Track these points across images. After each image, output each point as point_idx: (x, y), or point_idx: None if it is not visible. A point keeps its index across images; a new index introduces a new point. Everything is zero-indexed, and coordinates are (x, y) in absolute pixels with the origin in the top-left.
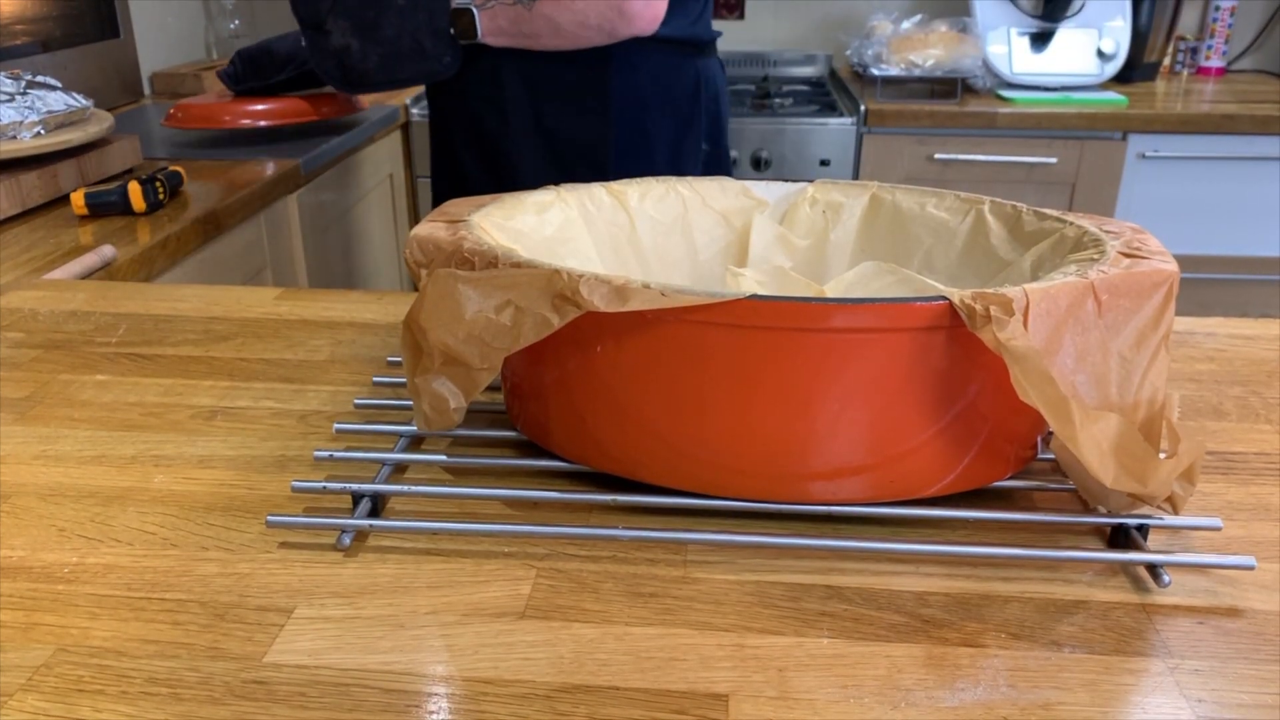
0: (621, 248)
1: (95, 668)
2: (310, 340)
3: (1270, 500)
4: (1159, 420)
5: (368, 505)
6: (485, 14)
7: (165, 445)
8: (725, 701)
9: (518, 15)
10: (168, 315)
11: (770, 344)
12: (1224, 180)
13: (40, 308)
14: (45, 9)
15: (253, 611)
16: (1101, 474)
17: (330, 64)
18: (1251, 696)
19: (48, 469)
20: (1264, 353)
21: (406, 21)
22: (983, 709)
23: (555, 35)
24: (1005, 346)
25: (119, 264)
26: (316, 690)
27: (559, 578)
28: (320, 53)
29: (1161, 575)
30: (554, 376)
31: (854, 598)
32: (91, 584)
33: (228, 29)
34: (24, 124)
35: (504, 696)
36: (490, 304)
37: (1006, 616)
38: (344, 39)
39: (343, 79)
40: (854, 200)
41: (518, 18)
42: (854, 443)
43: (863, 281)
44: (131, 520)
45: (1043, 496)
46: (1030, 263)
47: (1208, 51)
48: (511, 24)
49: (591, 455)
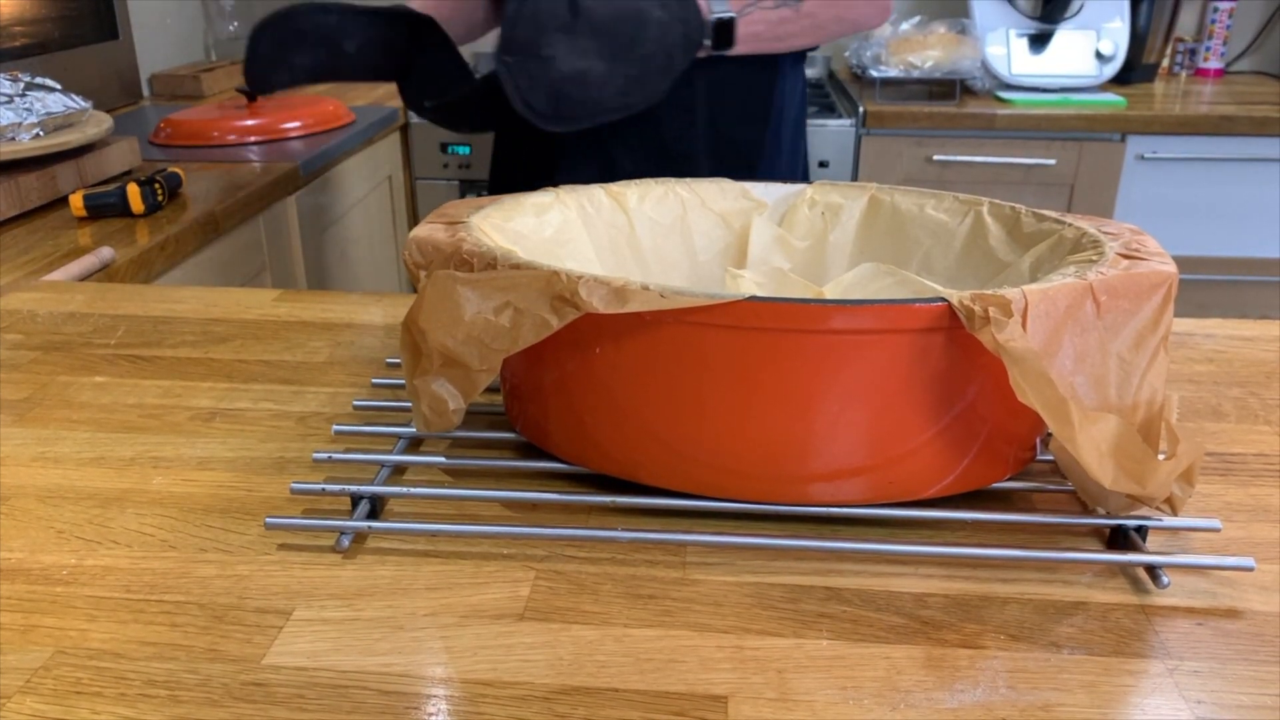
0: (620, 249)
1: (94, 670)
2: (309, 342)
3: (1269, 501)
4: (1158, 421)
5: (366, 507)
6: (743, 20)
7: (164, 447)
8: (724, 703)
9: (782, 18)
10: (166, 317)
11: (769, 345)
12: (1223, 182)
13: (39, 309)
14: (44, 10)
15: (251, 613)
16: (1100, 475)
17: (539, 95)
18: (1250, 698)
19: (46, 471)
20: (1263, 354)
21: (665, 36)
22: (982, 710)
23: (810, 34)
24: (1004, 348)
25: (118, 266)
26: (315, 692)
27: (558, 579)
28: (527, 84)
29: (1160, 576)
30: (553, 378)
31: (853, 599)
32: (90, 586)
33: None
34: (23, 125)
35: (503, 698)
36: (489, 305)
37: (1005, 618)
38: (581, 62)
39: (553, 112)
40: (853, 202)
41: (782, 20)
42: (853, 444)
43: (861, 283)
44: (130, 522)
45: (1042, 498)
46: (1029, 264)
47: (1206, 53)
48: (769, 28)
49: (590, 457)
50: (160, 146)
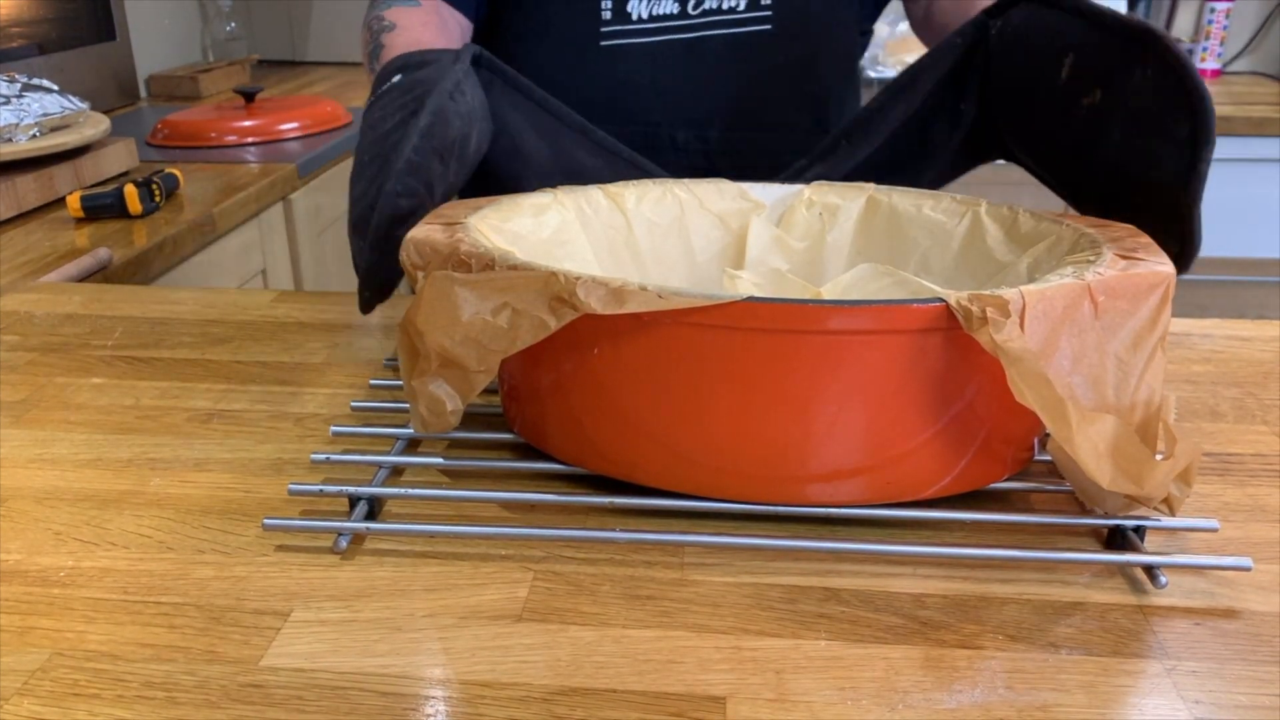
0: (618, 250)
1: (91, 672)
2: (307, 343)
3: (1267, 501)
4: (1155, 422)
5: (364, 508)
6: None
7: (161, 448)
8: (723, 704)
9: None
10: (164, 318)
11: (767, 346)
12: (1220, 182)
13: (36, 311)
14: (41, 11)
15: (249, 615)
16: (1098, 476)
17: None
18: (1248, 697)
19: (44, 472)
20: (1261, 354)
21: None
22: (980, 711)
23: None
24: (1002, 348)
25: (115, 267)
26: (313, 694)
27: (556, 580)
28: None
29: (1158, 576)
30: (551, 379)
31: (851, 600)
32: (87, 588)
33: (224, 31)
34: (20, 126)
35: (501, 699)
36: (487, 306)
37: (1004, 618)
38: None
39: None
40: (850, 202)
41: None
42: (851, 445)
43: (859, 283)
44: (127, 524)
45: (1040, 498)
46: (1027, 264)
47: (1203, 54)
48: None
49: (588, 457)
50: (157, 147)
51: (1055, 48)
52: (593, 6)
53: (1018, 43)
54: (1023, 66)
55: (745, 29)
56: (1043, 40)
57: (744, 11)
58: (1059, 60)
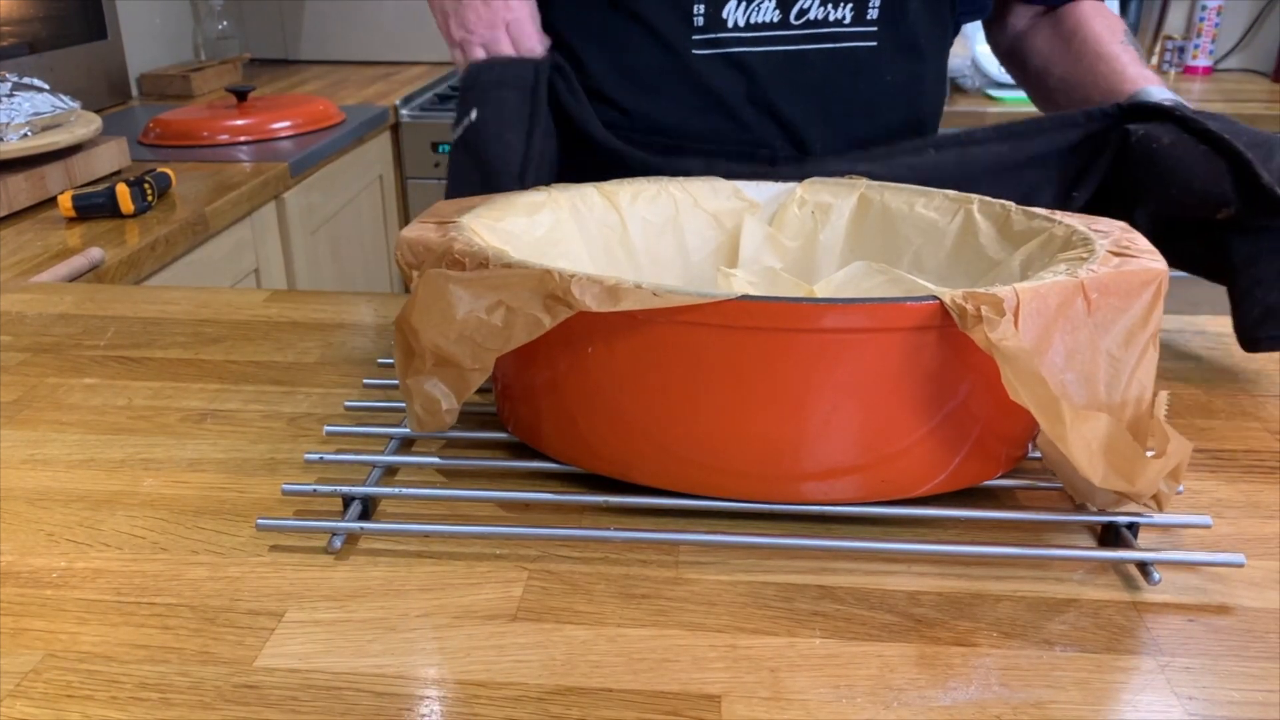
0: (613, 249)
1: (84, 673)
2: (300, 342)
3: (1259, 498)
4: (1147, 419)
5: (359, 508)
6: None
7: (154, 449)
8: (718, 702)
9: None
10: (156, 318)
11: (761, 344)
12: None
13: (28, 311)
14: (32, 10)
15: (243, 615)
16: (1090, 473)
17: None
18: (1242, 694)
19: (36, 473)
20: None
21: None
22: (975, 708)
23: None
24: (996, 346)
25: (107, 266)
26: (308, 694)
27: (551, 579)
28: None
29: (1151, 573)
30: (545, 377)
31: (846, 597)
32: (80, 589)
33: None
34: (10, 126)
35: (496, 699)
36: (481, 304)
37: (998, 615)
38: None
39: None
40: (843, 200)
41: None
42: (845, 443)
43: (853, 282)
44: (121, 524)
45: (1033, 495)
46: (1019, 262)
47: (1195, 51)
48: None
49: (583, 456)
50: (149, 146)
51: (1215, 195)
52: (684, 13)
53: (1172, 175)
54: (1176, 201)
55: (851, 44)
56: (1201, 185)
57: (850, 25)
58: (1217, 207)
